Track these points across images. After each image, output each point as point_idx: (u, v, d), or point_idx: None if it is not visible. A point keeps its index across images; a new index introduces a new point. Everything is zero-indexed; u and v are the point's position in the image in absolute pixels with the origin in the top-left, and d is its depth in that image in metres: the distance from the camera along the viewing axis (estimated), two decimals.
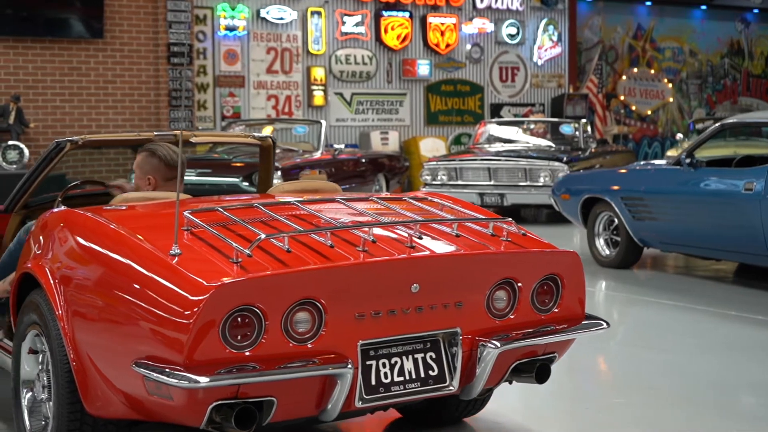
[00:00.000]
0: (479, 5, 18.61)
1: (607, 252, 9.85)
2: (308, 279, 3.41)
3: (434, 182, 14.19)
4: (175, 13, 15.56)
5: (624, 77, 20.75)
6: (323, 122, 14.28)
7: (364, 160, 14.70)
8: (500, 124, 16.08)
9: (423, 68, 18.11)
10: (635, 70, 20.96)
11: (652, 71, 21.17)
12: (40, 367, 4.12)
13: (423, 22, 18.11)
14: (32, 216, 5.32)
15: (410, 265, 3.60)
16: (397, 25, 17.81)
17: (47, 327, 3.86)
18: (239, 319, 3.30)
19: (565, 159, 13.94)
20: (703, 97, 22.14)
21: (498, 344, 3.67)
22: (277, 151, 13.77)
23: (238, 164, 12.73)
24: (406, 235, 3.75)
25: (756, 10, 22.10)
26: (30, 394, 4.19)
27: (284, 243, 3.48)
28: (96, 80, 15.26)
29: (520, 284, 3.81)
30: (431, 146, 17.79)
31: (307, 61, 17.20)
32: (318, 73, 17.19)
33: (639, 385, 5.51)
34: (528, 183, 13.80)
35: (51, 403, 3.94)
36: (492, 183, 13.92)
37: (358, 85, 17.69)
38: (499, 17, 18.88)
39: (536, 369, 3.86)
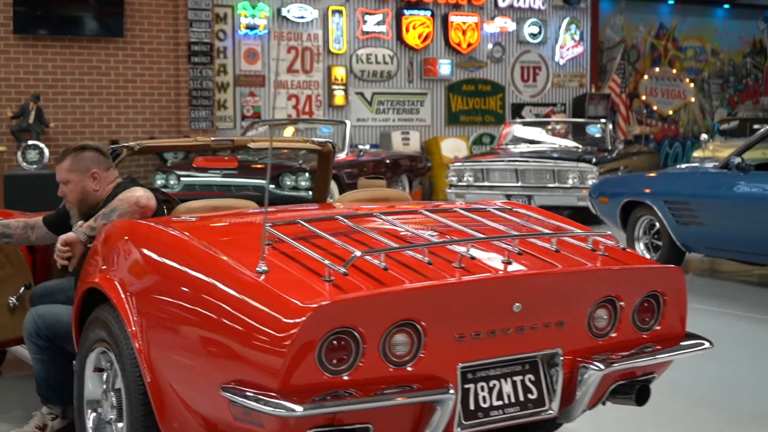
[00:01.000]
0: (501, 4, 18.38)
1: (648, 256, 9.64)
2: (409, 299, 3.19)
3: (460, 183, 13.98)
4: (195, 12, 15.34)
5: (645, 77, 20.52)
6: (347, 123, 14.08)
7: (387, 161, 14.49)
8: (525, 124, 15.85)
9: (444, 68, 17.89)
10: (657, 69, 20.72)
11: (674, 71, 20.93)
12: (104, 386, 3.91)
13: (444, 21, 17.88)
14: None
15: (513, 283, 3.38)
16: (418, 24, 17.58)
17: (118, 345, 3.65)
18: (335, 342, 3.09)
19: (594, 160, 13.71)
20: (725, 96, 21.90)
21: (602, 366, 3.46)
22: (301, 152, 13.59)
23: (263, 165, 12.52)
24: (502, 250, 3.53)
25: None
26: (94, 414, 3.98)
27: (380, 260, 3.26)
28: (116, 79, 15.04)
29: (622, 303, 3.59)
30: (452, 146, 17.56)
31: (328, 61, 16.98)
32: (339, 72, 16.96)
33: (708, 396, 5.30)
34: (556, 184, 13.58)
35: (121, 424, 3.74)
36: (519, 184, 13.70)
37: (379, 85, 17.47)
38: (521, 16, 18.66)
39: (636, 390, 3.65)
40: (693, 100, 21.08)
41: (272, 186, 12.06)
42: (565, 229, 3.82)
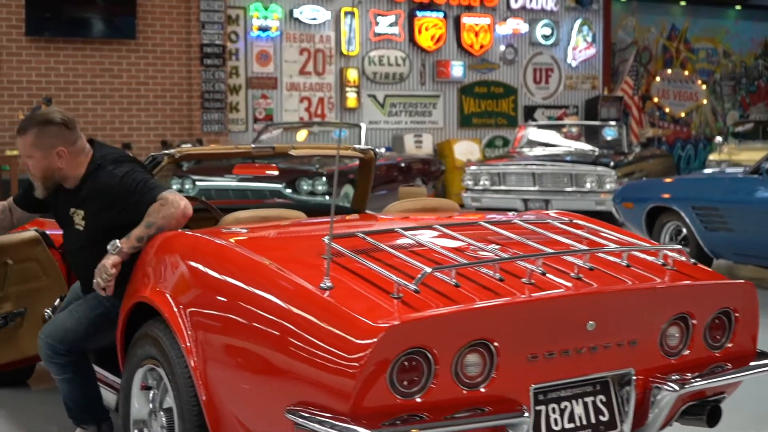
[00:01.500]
0: (513, 5, 18.26)
1: None
2: (483, 318, 3.06)
3: (476, 187, 13.84)
4: (208, 14, 15.23)
5: (657, 79, 20.39)
6: (363, 126, 13.94)
7: (403, 165, 14.36)
8: (540, 127, 15.71)
9: (457, 69, 17.76)
10: (669, 71, 20.60)
11: (686, 72, 20.81)
12: (152, 405, 3.79)
13: (457, 22, 17.76)
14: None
15: (587, 300, 3.25)
16: (431, 26, 17.46)
17: (169, 362, 3.52)
18: (407, 363, 2.96)
19: (612, 164, 13.58)
20: (737, 98, 21.77)
21: (676, 387, 3.32)
22: (316, 156, 13.44)
23: (281, 169, 12.38)
24: (572, 265, 3.40)
25: None
26: None
27: (451, 277, 3.13)
28: (128, 82, 14.92)
29: (694, 320, 3.46)
30: (465, 149, 17.44)
31: (340, 63, 16.85)
32: (351, 74, 16.84)
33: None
34: (574, 188, 13.45)
35: None
36: (536, 188, 13.57)
37: (391, 87, 17.34)
38: (534, 17, 18.53)
39: (707, 411, 3.52)
40: (705, 102, 20.96)
41: (289, 190, 11.93)
42: (634, 243, 3.69)
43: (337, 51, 16.78)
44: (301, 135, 15.14)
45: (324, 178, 12.18)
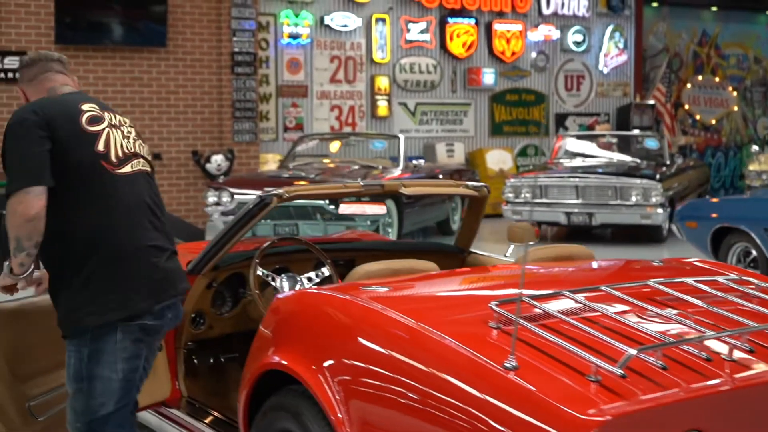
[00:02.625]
0: (545, 11, 17.92)
1: None
2: (697, 407, 2.73)
3: (517, 200, 13.53)
4: (239, 21, 14.88)
5: (688, 85, 20.05)
6: (401, 137, 13.64)
7: (441, 176, 14.03)
8: (579, 138, 15.38)
9: (488, 77, 17.42)
10: (700, 77, 20.25)
11: (717, 79, 20.47)
12: None
13: (488, 29, 17.42)
14: (219, 278, 4.64)
15: None
16: (462, 32, 17.12)
17: None
18: None
19: (658, 177, 13.26)
20: None
21: None
22: (355, 167, 13.12)
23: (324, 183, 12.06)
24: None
25: None
26: None
27: (656, 357, 2.80)
28: (158, 91, 14.58)
29: None
30: (498, 158, 17.11)
31: (371, 70, 16.52)
32: (382, 82, 16.50)
33: None
34: (618, 201, 13.14)
35: None
36: (579, 201, 13.25)
37: (422, 95, 17.01)
38: (565, 24, 18.20)
39: None
40: (736, 108, 20.62)
41: (332, 206, 11.60)
42: None
43: (368, 58, 16.45)
44: (334, 146, 14.83)
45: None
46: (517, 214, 13.49)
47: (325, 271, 4.49)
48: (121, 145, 3.63)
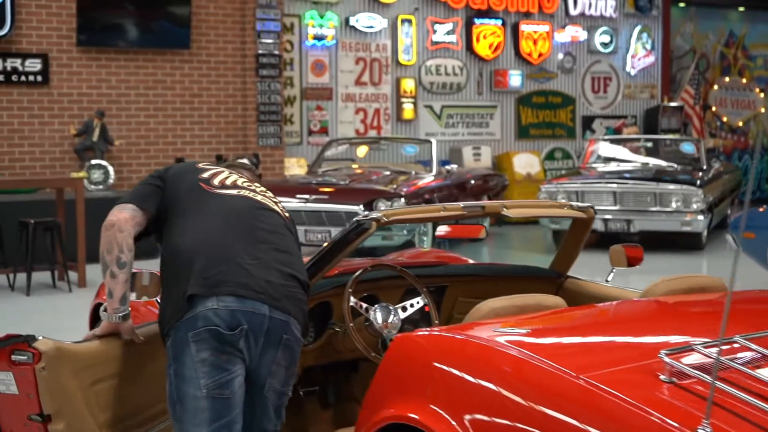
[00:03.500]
0: (572, 12, 17.56)
1: None
2: None
3: None
4: (264, 22, 14.52)
5: (715, 87, 19.67)
6: (434, 141, 13.29)
7: (473, 182, 13.69)
8: (613, 142, 15.00)
9: (515, 79, 17.06)
10: (726, 79, 19.88)
11: (744, 80, 20.09)
12: None
13: (515, 30, 17.05)
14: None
15: None
16: (489, 34, 16.75)
17: None
18: None
19: (698, 182, 12.91)
20: None
21: None
22: (386, 173, 12.76)
23: (357, 189, 11.71)
24: None
25: None
26: None
27: None
28: (181, 93, 14.23)
29: None
30: (525, 162, 16.75)
31: (397, 72, 16.15)
32: (408, 84, 16.14)
33: None
34: (658, 208, 12.78)
35: None
36: (617, 208, 12.89)
37: (448, 98, 16.64)
38: (592, 24, 17.83)
39: None
40: (763, 110, 20.24)
41: (366, 213, 11.22)
42: None
43: (394, 60, 16.08)
44: (361, 151, 14.48)
45: (402, 200, 11.50)
46: (555, 223, 13.10)
47: (420, 300, 4.13)
48: (233, 181, 3.68)
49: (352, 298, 4.02)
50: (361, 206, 11.25)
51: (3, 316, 9.24)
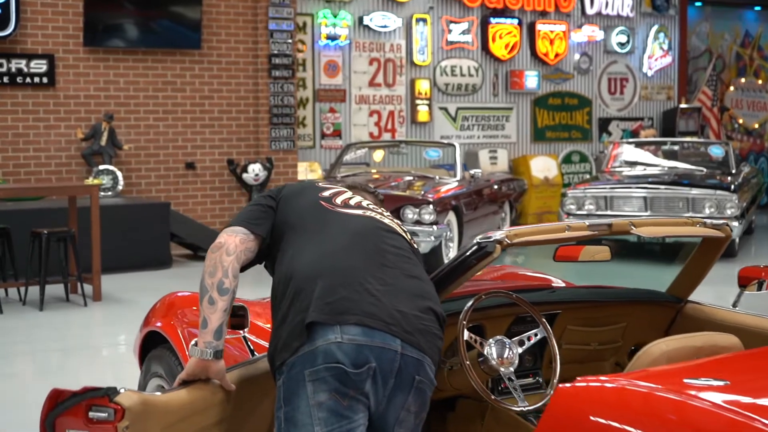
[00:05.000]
0: (589, 11, 17.10)
1: None
2: None
3: (579, 212, 12.67)
4: (276, 21, 13.99)
5: (731, 88, 19.23)
6: (457, 145, 12.80)
7: (496, 187, 13.20)
8: (637, 145, 14.53)
9: (531, 80, 16.58)
10: (742, 80, 19.45)
11: (759, 81, 19.66)
12: None
13: (531, 29, 16.58)
14: None
15: None
16: (505, 33, 16.27)
17: None
18: None
19: (732, 187, 12.45)
20: None
21: None
22: (408, 178, 12.26)
23: (391, 196, 11.18)
24: None
25: None
26: None
27: None
28: (192, 96, 13.68)
29: None
30: (543, 166, 16.27)
31: (411, 73, 15.65)
32: (422, 86, 15.64)
33: None
34: (690, 214, 12.30)
35: None
36: (648, 214, 12.41)
37: (463, 99, 16.15)
38: (609, 24, 17.38)
39: None
40: None
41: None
42: None
43: (408, 60, 15.58)
44: (378, 155, 13.98)
45: (431, 206, 10.99)
46: None
47: (538, 333, 3.63)
48: (357, 202, 3.30)
49: (466, 332, 3.52)
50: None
51: (16, 332, 8.71)
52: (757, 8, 19.52)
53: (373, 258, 2.99)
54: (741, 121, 19.30)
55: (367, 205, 3.29)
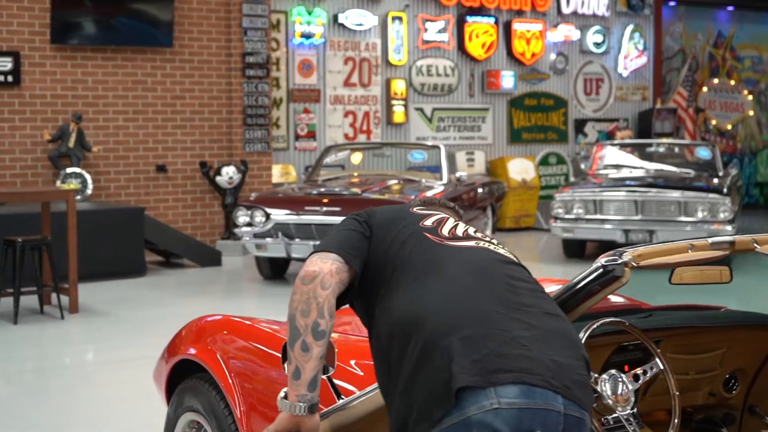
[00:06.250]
0: (565, 10, 16.76)
1: None
2: None
3: (568, 216, 12.31)
4: (251, 19, 13.48)
5: (704, 89, 19.01)
6: (442, 147, 12.39)
7: (480, 190, 12.80)
8: (622, 147, 14.20)
9: (507, 80, 16.21)
10: (716, 81, 19.24)
11: (732, 82, 19.47)
12: None
13: (507, 28, 16.20)
14: None
15: None
16: (481, 32, 15.88)
17: None
18: None
19: (725, 190, 12.16)
20: None
21: None
22: (393, 181, 11.81)
23: (373, 200, 10.73)
24: None
25: None
26: None
27: None
28: (163, 95, 13.12)
29: None
30: (520, 168, 15.90)
31: (387, 73, 15.20)
32: (398, 86, 15.19)
33: None
34: (682, 218, 12.00)
35: None
36: (639, 218, 12.09)
37: (439, 100, 15.73)
38: (585, 23, 17.06)
39: None
40: (751, 113, 19.65)
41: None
42: None
43: (384, 60, 15.12)
44: (356, 158, 13.52)
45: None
46: (568, 232, 12.30)
47: (654, 366, 3.20)
48: (464, 230, 2.78)
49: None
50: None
51: None
52: (730, 8, 19.33)
53: (508, 298, 2.49)
54: (714, 122, 19.09)
55: (474, 232, 2.79)
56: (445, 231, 2.71)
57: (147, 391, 6.69)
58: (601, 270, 2.94)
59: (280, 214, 10.57)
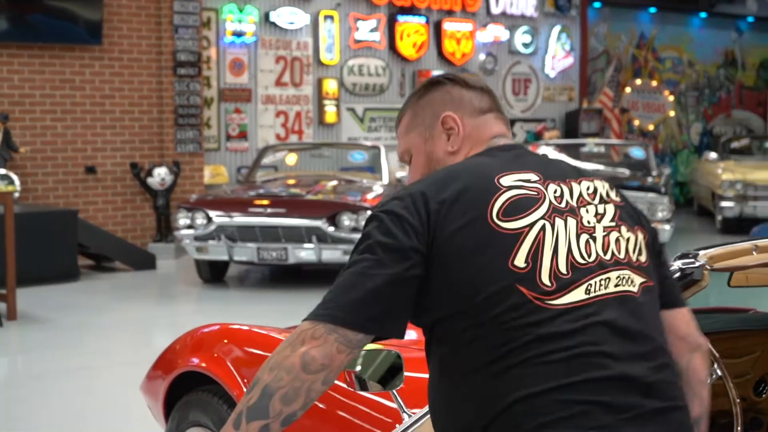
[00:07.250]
0: (494, 10, 16.74)
1: None
2: None
3: None
4: (182, 16, 13.16)
5: (628, 89, 19.20)
6: (382, 147, 12.24)
7: None
8: (559, 147, 14.22)
9: None
10: (638, 81, 19.45)
11: (654, 83, 19.70)
12: None
13: (438, 28, 16.12)
14: None
15: None
16: (412, 32, 15.76)
17: None
18: None
19: (663, 189, 12.25)
20: (700, 110, 20.81)
21: None
22: (333, 183, 11.62)
23: (318, 201, 10.53)
24: None
25: (751, 19, 20.88)
26: None
27: None
28: (92, 94, 12.72)
29: None
30: None
31: (318, 72, 14.98)
32: (330, 85, 14.99)
33: None
34: None
35: None
36: None
37: (371, 100, 15.57)
38: (514, 24, 17.06)
39: None
40: (672, 114, 19.92)
41: (331, 228, 10.09)
42: None
43: (315, 59, 14.91)
44: (291, 159, 13.28)
45: (369, 212, 10.36)
46: None
47: (712, 373, 3.09)
48: (573, 251, 1.98)
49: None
50: (324, 220, 10.11)
51: None
52: (652, 10, 19.55)
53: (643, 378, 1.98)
54: (637, 122, 19.30)
55: (615, 236, 2.05)
56: (545, 276, 1.94)
57: (101, 399, 6.42)
58: (678, 274, 2.80)
59: (222, 217, 10.31)
